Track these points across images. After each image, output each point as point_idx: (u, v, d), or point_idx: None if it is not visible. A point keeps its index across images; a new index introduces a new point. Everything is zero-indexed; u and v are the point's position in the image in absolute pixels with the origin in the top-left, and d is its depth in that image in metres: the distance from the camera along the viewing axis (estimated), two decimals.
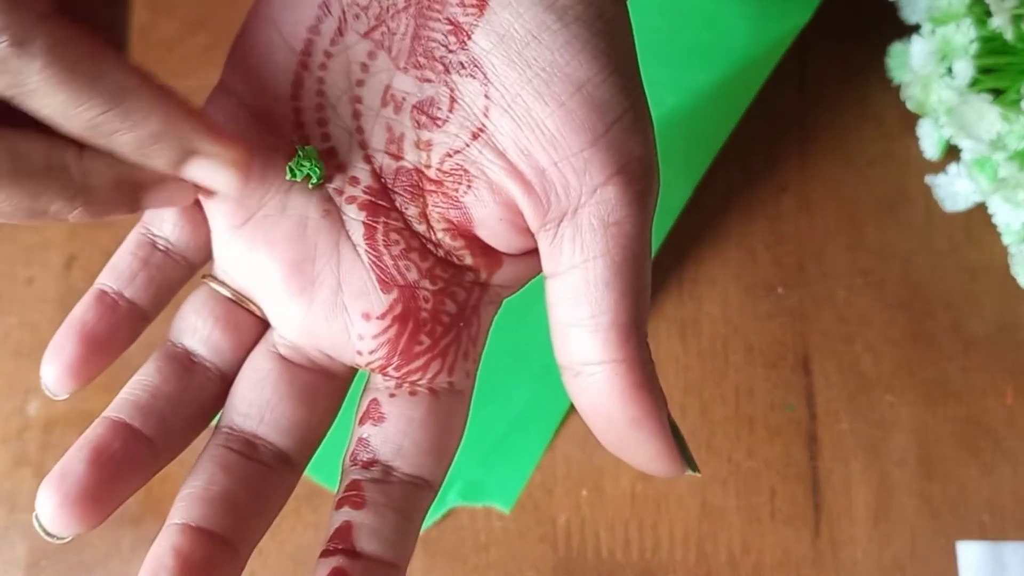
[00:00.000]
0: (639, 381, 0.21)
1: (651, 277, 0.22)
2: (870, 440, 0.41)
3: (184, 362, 0.24)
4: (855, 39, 0.45)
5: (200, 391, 0.23)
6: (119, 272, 0.24)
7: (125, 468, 0.21)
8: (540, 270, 0.24)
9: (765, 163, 0.44)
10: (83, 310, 0.23)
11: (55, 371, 0.22)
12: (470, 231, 0.23)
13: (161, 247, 0.24)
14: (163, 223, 0.24)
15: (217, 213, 0.24)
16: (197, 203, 0.24)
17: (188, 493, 0.22)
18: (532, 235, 0.23)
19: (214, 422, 0.24)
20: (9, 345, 0.43)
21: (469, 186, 0.22)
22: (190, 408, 0.23)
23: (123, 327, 0.23)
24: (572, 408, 0.41)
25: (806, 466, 0.40)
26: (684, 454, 0.22)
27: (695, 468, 0.22)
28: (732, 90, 0.42)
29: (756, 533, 0.40)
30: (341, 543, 0.21)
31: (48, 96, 0.19)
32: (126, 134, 0.20)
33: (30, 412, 0.42)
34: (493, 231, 0.23)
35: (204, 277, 0.25)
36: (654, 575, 0.39)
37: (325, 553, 0.21)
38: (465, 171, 0.22)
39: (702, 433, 0.41)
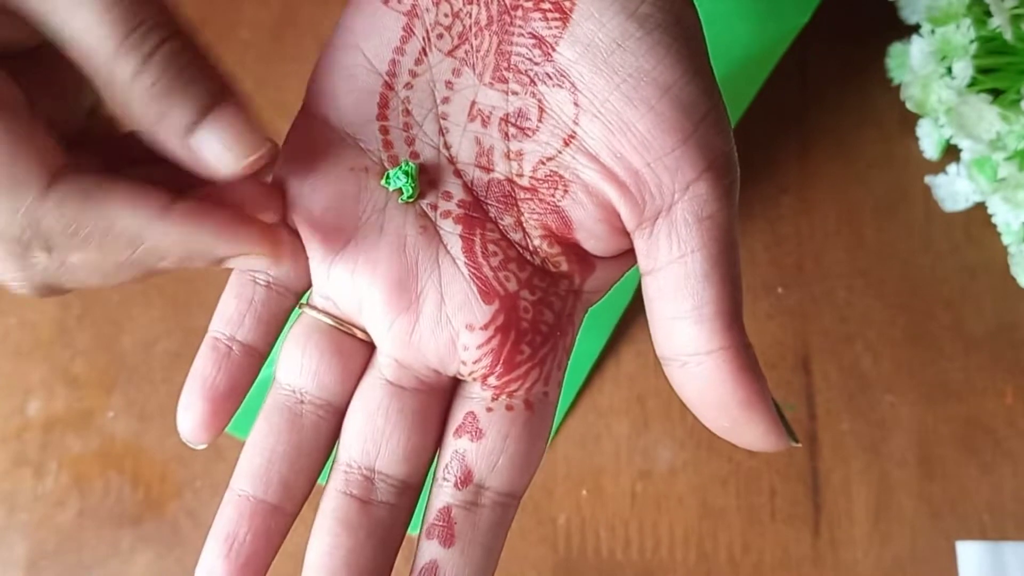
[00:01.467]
0: (745, 365, 0.22)
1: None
2: (870, 440, 0.41)
3: (292, 408, 0.24)
4: (855, 39, 0.45)
5: (314, 436, 0.24)
6: (227, 318, 0.25)
7: (258, 544, 0.23)
8: (622, 273, 0.25)
9: (765, 164, 0.44)
10: (202, 364, 0.24)
11: (189, 427, 0.24)
12: (567, 236, 0.24)
13: (262, 282, 0.25)
14: None
15: (315, 241, 0.24)
16: (295, 232, 0.25)
17: (314, 560, 0.23)
18: (627, 235, 0.23)
19: None
20: (9, 345, 0.43)
21: (566, 191, 0.23)
22: (308, 460, 0.24)
23: (240, 372, 0.24)
24: (572, 408, 0.41)
25: (806, 466, 0.40)
26: (787, 427, 0.23)
27: (796, 439, 0.23)
28: (732, 90, 0.42)
29: (756, 533, 0.40)
30: None
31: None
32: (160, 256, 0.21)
33: (29, 412, 0.42)
34: (591, 232, 0.24)
35: (302, 306, 0.25)
36: (654, 575, 0.39)
37: None
38: (560, 177, 0.23)
39: (702, 432, 0.41)
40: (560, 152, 0.23)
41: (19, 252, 0.20)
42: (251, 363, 0.25)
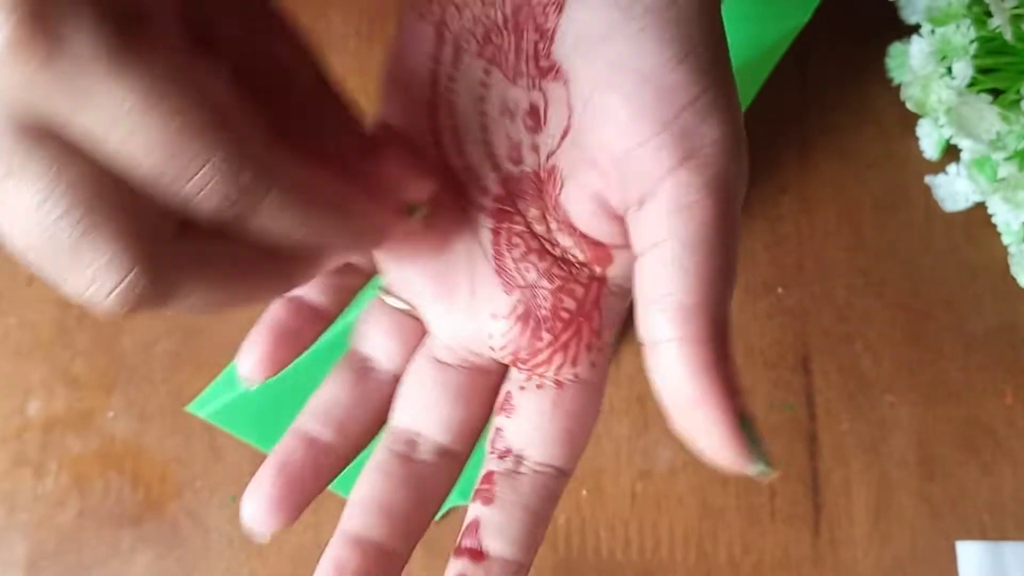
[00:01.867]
0: (703, 362, 0.21)
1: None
2: (870, 440, 0.41)
3: (360, 369, 0.26)
4: (855, 39, 0.45)
5: (373, 395, 0.26)
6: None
7: (308, 472, 0.25)
8: None
9: (765, 163, 0.44)
10: (273, 310, 0.26)
11: (250, 363, 0.26)
12: (575, 227, 0.24)
13: None
14: None
15: None
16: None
17: (354, 499, 0.25)
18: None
19: None
20: (9, 345, 0.43)
21: (563, 183, 0.24)
22: (365, 411, 0.26)
23: (307, 321, 0.26)
24: None
25: (806, 466, 0.40)
26: (754, 448, 0.21)
27: (767, 464, 0.21)
28: None
29: (756, 533, 0.40)
30: (469, 541, 0.24)
31: (274, 220, 0.20)
32: (327, 234, 0.21)
33: (30, 412, 0.42)
34: (590, 224, 0.24)
35: (379, 290, 0.27)
36: (654, 575, 0.39)
37: (457, 550, 0.24)
38: (558, 169, 0.24)
39: None
40: (559, 145, 0.23)
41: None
42: (318, 318, 0.27)
